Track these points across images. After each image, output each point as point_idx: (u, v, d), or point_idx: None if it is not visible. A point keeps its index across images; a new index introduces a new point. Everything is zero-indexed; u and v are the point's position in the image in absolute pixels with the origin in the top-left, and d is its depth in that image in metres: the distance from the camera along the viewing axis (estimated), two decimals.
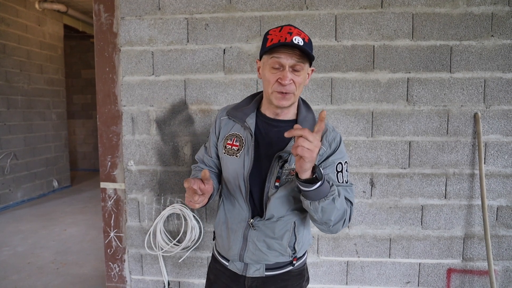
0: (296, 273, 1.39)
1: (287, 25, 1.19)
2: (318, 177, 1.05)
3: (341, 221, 1.18)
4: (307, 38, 1.18)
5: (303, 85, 1.22)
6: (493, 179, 2.35)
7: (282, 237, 1.30)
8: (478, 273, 2.43)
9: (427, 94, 2.33)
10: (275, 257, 1.32)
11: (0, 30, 5.30)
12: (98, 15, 2.46)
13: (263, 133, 1.28)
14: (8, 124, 5.54)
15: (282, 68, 1.16)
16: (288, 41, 1.12)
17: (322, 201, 1.10)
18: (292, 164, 1.22)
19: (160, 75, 2.45)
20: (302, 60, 1.16)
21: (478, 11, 2.26)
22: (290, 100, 1.21)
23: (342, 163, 1.25)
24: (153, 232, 2.50)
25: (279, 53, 1.15)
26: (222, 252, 1.40)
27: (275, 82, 1.18)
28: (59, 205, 5.78)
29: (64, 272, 3.38)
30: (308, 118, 1.30)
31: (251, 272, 1.34)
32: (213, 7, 2.38)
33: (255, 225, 1.29)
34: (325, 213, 1.13)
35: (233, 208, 1.33)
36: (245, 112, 1.31)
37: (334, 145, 1.26)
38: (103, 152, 2.55)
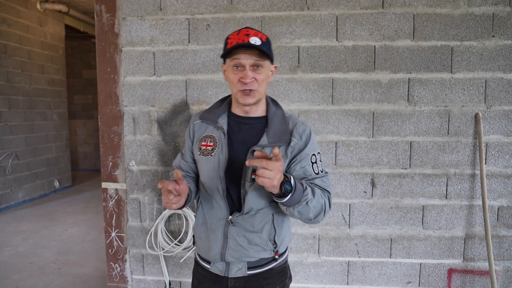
0: (278, 271, 1.40)
1: (245, 28, 1.26)
2: (286, 192, 1.11)
3: (320, 213, 1.25)
4: (264, 37, 1.25)
5: (266, 82, 1.29)
6: (494, 179, 2.35)
7: (262, 230, 1.32)
8: (479, 273, 2.43)
9: (428, 95, 2.33)
10: (256, 252, 1.33)
11: (2, 31, 5.31)
12: (100, 15, 2.47)
13: (236, 131, 1.33)
14: (10, 124, 5.55)
15: (243, 68, 1.23)
16: (245, 42, 1.19)
17: (296, 206, 1.17)
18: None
19: (162, 76, 2.46)
20: (261, 59, 1.23)
21: (479, 12, 2.26)
22: (254, 97, 1.26)
23: (315, 154, 1.32)
24: (154, 232, 2.51)
25: (238, 54, 1.22)
26: (203, 254, 1.41)
27: (238, 81, 1.24)
28: (60, 205, 5.79)
29: (66, 272, 3.38)
30: (278, 113, 1.35)
31: (234, 272, 1.35)
32: (214, 8, 2.39)
33: (234, 221, 1.31)
34: (302, 214, 1.21)
35: (211, 208, 1.35)
36: (216, 114, 1.37)
37: (305, 137, 1.31)
38: (104, 152, 2.56)
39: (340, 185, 2.43)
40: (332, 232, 2.47)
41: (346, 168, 2.41)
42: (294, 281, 2.50)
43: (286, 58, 2.38)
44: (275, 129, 1.29)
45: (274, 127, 1.29)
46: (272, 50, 1.28)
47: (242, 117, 1.35)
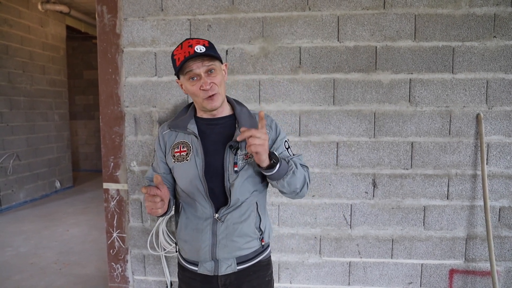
0: (265, 263, 1.47)
1: (186, 40, 1.31)
2: (276, 161, 1.21)
3: (304, 185, 1.34)
4: (206, 42, 1.30)
5: (223, 83, 1.35)
6: (496, 180, 2.35)
7: (248, 218, 1.37)
8: (481, 274, 2.42)
9: (429, 95, 2.33)
10: (246, 243, 1.38)
11: (3, 31, 5.32)
12: (101, 16, 2.47)
13: (207, 133, 1.38)
14: (11, 125, 5.56)
15: (199, 77, 1.29)
16: (192, 53, 1.24)
17: (285, 177, 1.26)
18: (243, 150, 1.34)
19: (163, 76, 2.46)
20: (211, 63, 1.29)
21: (480, 12, 2.26)
22: (219, 99, 1.32)
23: (287, 140, 1.43)
24: (155, 232, 2.51)
25: (190, 66, 1.27)
26: (190, 257, 1.42)
27: (200, 91, 1.29)
28: (62, 205, 5.80)
29: (67, 272, 3.38)
30: (244, 110, 1.43)
31: (223, 269, 1.37)
32: (215, 8, 2.39)
33: (221, 217, 1.35)
34: (290, 185, 1.28)
35: (195, 211, 1.37)
36: (184, 120, 1.41)
37: (274, 127, 1.41)
38: (105, 153, 2.56)
39: (342, 186, 2.43)
40: (334, 232, 2.47)
41: (347, 168, 2.41)
42: (295, 282, 2.51)
43: (287, 59, 2.38)
44: (245, 123, 1.35)
45: (243, 121, 1.36)
46: (217, 51, 1.34)
47: (210, 119, 1.40)
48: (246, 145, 1.30)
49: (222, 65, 1.38)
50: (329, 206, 2.45)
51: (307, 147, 2.42)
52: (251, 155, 1.33)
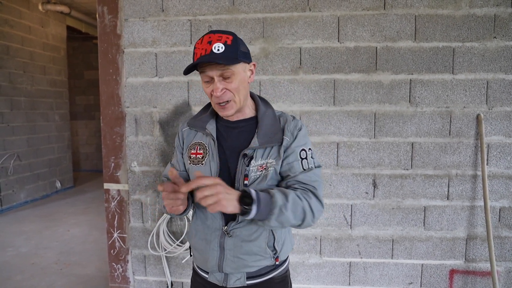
0: (278, 280, 1.33)
1: (208, 34, 1.15)
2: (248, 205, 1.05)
3: (306, 216, 1.14)
4: (230, 39, 1.13)
5: (243, 87, 1.19)
6: (496, 180, 2.35)
7: (259, 238, 1.24)
8: (481, 274, 2.43)
9: (429, 96, 2.33)
10: (255, 261, 1.26)
11: (4, 32, 5.32)
12: (102, 16, 2.48)
13: (225, 136, 1.27)
14: (12, 125, 5.57)
15: (212, 80, 1.15)
16: (208, 53, 1.09)
17: (270, 217, 1.08)
18: (258, 160, 1.20)
19: (164, 77, 2.46)
20: (227, 66, 1.12)
21: (480, 13, 2.26)
22: (232, 108, 1.19)
23: (305, 149, 1.23)
24: (156, 233, 2.51)
25: (203, 67, 1.14)
26: (200, 265, 1.35)
27: (211, 95, 1.18)
28: (62, 206, 5.80)
29: (68, 272, 3.39)
30: (268, 113, 1.27)
31: (232, 282, 1.28)
32: (216, 9, 2.39)
33: (230, 231, 1.24)
34: (283, 222, 1.11)
35: (205, 218, 1.29)
36: (204, 120, 1.30)
37: (295, 133, 1.24)
38: (106, 153, 2.57)
39: (342, 186, 2.43)
40: (334, 233, 2.47)
41: (347, 169, 2.42)
42: (296, 282, 2.51)
43: (288, 59, 2.38)
44: (266, 130, 1.22)
45: (264, 127, 1.22)
46: (242, 49, 1.16)
47: (230, 121, 1.27)
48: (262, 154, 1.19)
49: (249, 65, 1.21)
50: (330, 207, 2.45)
51: None
52: (266, 167, 1.20)
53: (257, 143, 1.19)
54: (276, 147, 1.22)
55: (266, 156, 1.21)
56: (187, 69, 1.16)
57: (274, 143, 1.21)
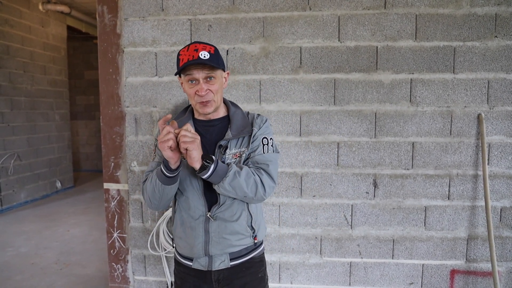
0: (258, 260, 1.52)
1: (193, 43, 1.35)
2: (208, 161, 1.26)
3: (258, 189, 1.35)
4: (213, 49, 1.35)
5: (221, 90, 1.42)
6: (497, 180, 2.34)
7: (240, 217, 1.43)
8: (482, 274, 2.42)
9: (430, 95, 2.32)
10: (238, 240, 1.43)
11: (4, 32, 5.33)
12: (102, 16, 2.47)
13: (203, 133, 1.43)
14: (12, 125, 5.57)
15: (197, 81, 1.34)
16: (196, 58, 1.29)
17: (225, 179, 1.28)
18: (232, 149, 1.41)
19: (164, 76, 2.46)
20: (212, 71, 1.34)
21: (481, 12, 2.25)
22: (212, 106, 1.39)
23: (267, 138, 1.45)
24: (156, 233, 2.51)
25: (191, 70, 1.33)
26: (184, 253, 1.48)
27: (195, 95, 1.36)
28: (62, 206, 5.80)
29: (68, 272, 3.39)
30: (238, 112, 1.50)
31: (217, 265, 1.43)
32: (216, 8, 2.39)
33: (213, 215, 1.40)
34: (236, 189, 1.31)
35: (188, 208, 1.43)
36: (183, 121, 1.44)
37: (261, 125, 1.46)
38: (106, 153, 2.56)
39: (342, 186, 2.42)
40: (334, 233, 2.46)
41: (348, 168, 2.41)
42: (296, 282, 2.50)
43: (288, 59, 2.38)
44: (237, 124, 1.43)
45: (236, 123, 1.44)
46: (221, 59, 1.40)
47: (206, 121, 1.47)
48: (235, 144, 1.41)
49: (224, 73, 1.44)
50: (330, 206, 2.44)
51: (307, 147, 2.41)
52: (239, 154, 1.41)
53: (230, 135, 1.40)
54: (247, 138, 1.43)
55: (239, 145, 1.42)
56: (178, 71, 1.36)
57: (245, 134, 1.43)
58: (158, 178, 1.34)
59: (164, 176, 1.31)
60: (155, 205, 1.43)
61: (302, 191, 2.44)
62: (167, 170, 1.30)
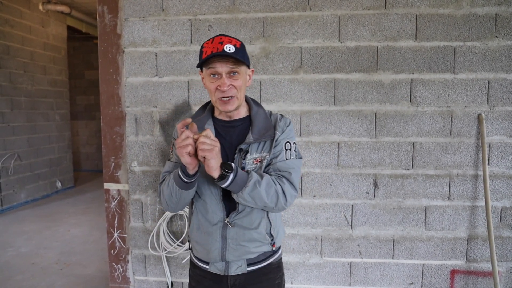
0: (275, 266, 1.46)
1: (218, 36, 1.28)
2: (228, 170, 1.17)
3: (279, 199, 1.28)
4: (238, 43, 1.27)
5: (244, 87, 1.32)
6: (497, 180, 2.34)
7: (259, 225, 1.36)
8: (482, 275, 2.42)
9: (430, 95, 2.32)
10: (256, 247, 1.37)
11: (4, 32, 5.33)
12: (102, 16, 2.47)
13: (223, 135, 1.36)
14: (12, 125, 5.57)
15: (219, 76, 1.25)
16: (220, 51, 1.21)
17: (244, 189, 1.21)
18: (253, 153, 1.32)
19: (164, 76, 2.46)
20: (236, 66, 1.25)
21: (482, 12, 2.25)
22: (234, 104, 1.30)
23: (290, 142, 1.36)
24: (156, 233, 2.51)
25: (214, 63, 1.24)
26: (201, 257, 1.43)
27: (216, 90, 1.27)
28: (63, 206, 5.80)
29: (68, 272, 3.39)
30: (260, 112, 1.40)
31: (233, 270, 1.38)
32: (216, 8, 2.39)
33: (231, 222, 1.34)
34: (255, 199, 1.24)
35: (206, 212, 1.37)
36: (202, 121, 1.37)
37: (285, 129, 1.37)
38: (106, 153, 2.56)
39: (343, 186, 2.42)
40: (335, 233, 2.46)
41: (348, 169, 2.41)
42: (296, 282, 2.50)
43: (288, 59, 2.38)
44: (259, 126, 1.34)
45: (258, 124, 1.34)
46: (247, 54, 1.31)
47: (227, 121, 1.38)
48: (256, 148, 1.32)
49: (249, 70, 1.35)
50: (330, 207, 2.44)
51: (308, 147, 2.42)
52: (261, 160, 1.32)
53: (251, 138, 1.31)
54: (269, 142, 1.34)
55: (260, 150, 1.33)
56: (200, 63, 1.26)
57: (268, 138, 1.33)
58: (175, 182, 1.27)
59: (181, 181, 1.24)
60: (172, 208, 1.37)
61: (302, 191, 2.44)
62: (184, 175, 1.23)
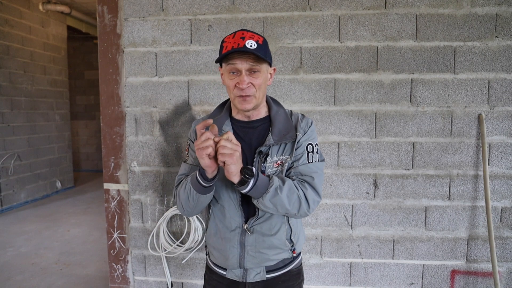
0: (295, 273, 1.41)
1: (240, 30, 1.22)
2: (248, 175, 1.12)
3: (302, 205, 1.22)
4: (261, 40, 1.21)
5: (264, 86, 1.26)
6: (497, 180, 2.34)
7: (279, 230, 1.31)
8: (482, 275, 2.41)
9: (430, 95, 2.32)
10: (275, 254, 1.32)
11: (4, 32, 5.32)
12: (102, 16, 2.47)
13: (242, 136, 1.31)
14: (12, 125, 5.57)
15: (239, 73, 1.20)
16: (241, 46, 1.15)
17: (265, 195, 1.16)
18: (274, 156, 1.26)
19: (164, 76, 2.46)
20: (257, 63, 1.19)
21: (482, 12, 2.25)
22: (252, 102, 1.23)
23: (312, 144, 1.30)
24: (156, 233, 2.51)
25: (234, 59, 1.19)
26: (218, 263, 1.38)
27: (235, 87, 1.21)
28: (63, 206, 5.80)
29: (68, 272, 3.38)
30: (280, 112, 1.34)
31: (252, 277, 1.34)
32: (216, 8, 2.38)
33: (250, 228, 1.29)
34: (277, 205, 1.19)
35: (224, 217, 1.32)
36: (219, 121, 1.32)
37: (306, 130, 1.32)
38: (106, 153, 2.56)
39: (343, 186, 2.42)
40: (335, 233, 2.46)
41: (348, 169, 2.41)
42: None
43: (288, 59, 2.37)
44: (280, 128, 1.28)
45: (278, 125, 1.28)
46: (269, 52, 1.26)
47: (245, 121, 1.33)
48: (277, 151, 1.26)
49: (270, 68, 1.29)
50: (330, 207, 2.44)
51: None
52: (282, 163, 1.27)
53: (271, 140, 1.25)
54: (290, 144, 1.28)
55: (281, 152, 1.27)
56: (219, 58, 1.21)
57: (288, 140, 1.27)
58: (192, 186, 1.21)
59: (199, 185, 1.19)
60: (188, 212, 1.31)
61: None
62: (203, 179, 1.17)
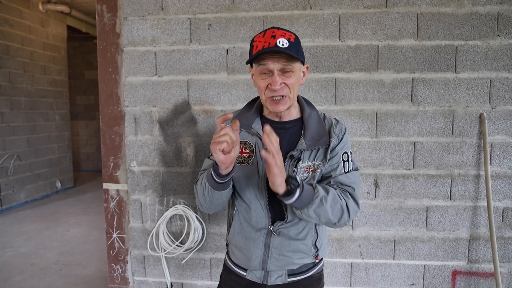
0: (316, 278, 1.39)
1: (270, 28, 1.17)
2: (294, 186, 1.08)
3: (343, 215, 1.19)
4: (292, 37, 1.16)
5: (298, 86, 1.21)
6: (499, 180, 2.33)
7: (306, 236, 1.30)
8: (484, 275, 2.40)
9: (432, 95, 2.31)
10: (299, 259, 1.31)
11: (4, 31, 5.32)
12: (101, 15, 2.46)
13: None
14: (12, 125, 5.56)
15: (271, 73, 1.15)
16: (272, 46, 1.10)
17: (310, 206, 1.13)
18: (305, 161, 1.22)
19: (163, 76, 2.44)
20: (289, 62, 1.14)
21: (483, 11, 2.24)
22: (286, 104, 1.19)
23: (347, 153, 1.26)
24: (155, 233, 2.49)
25: (265, 59, 1.14)
26: (239, 263, 1.36)
27: (266, 88, 1.17)
28: (62, 206, 5.79)
29: (67, 273, 3.37)
30: (313, 115, 1.29)
31: (273, 279, 1.32)
32: (216, 7, 2.37)
33: (277, 230, 1.27)
34: (320, 216, 1.16)
35: (249, 217, 1.29)
36: (249, 119, 1.28)
37: (340, 137, 1.27)
38: (105, 153, 2.55)
39: None
40: (335, 233, 2.45)
41: None
42: None
43: None
44: (312, 132, 1.24)
45: (311, 129, 1.24)
46: (302, 49, 1.21)
47: (276, 121, 1.28)
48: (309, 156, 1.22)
49: (303, 67, 1.26)
50: None
51: None
52: (313, 168, 1.23)
53: (304, 145, 1.21)
54: (323, 150, 1.24)
55: (313, 158, 1.23)
56: (255, 55, 1.14)
57: (321, 145, 1.23)
58: (207, 181, 1.19)
59: (213, 180, 1.16)
60: (205, 208, 1.28)
61: None
62: (216, 175, 1.13)
